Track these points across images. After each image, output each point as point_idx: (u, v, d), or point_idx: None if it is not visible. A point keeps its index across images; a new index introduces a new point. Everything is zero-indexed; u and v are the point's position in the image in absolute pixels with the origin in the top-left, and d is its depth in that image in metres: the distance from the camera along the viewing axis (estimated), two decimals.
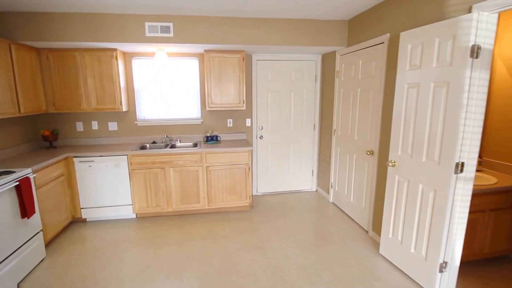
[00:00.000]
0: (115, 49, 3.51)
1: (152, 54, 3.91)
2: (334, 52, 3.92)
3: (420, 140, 2.32)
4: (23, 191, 2.46)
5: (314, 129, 4.47)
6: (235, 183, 3.72)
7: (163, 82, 4.03)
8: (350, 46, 3.52)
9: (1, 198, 2.27)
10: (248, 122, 4.29)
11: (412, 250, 2.44)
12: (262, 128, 4.35)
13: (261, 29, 3.46)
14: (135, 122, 4.02)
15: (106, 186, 3.47)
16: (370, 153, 3.12)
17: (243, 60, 3.77)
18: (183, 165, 3.57)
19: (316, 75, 4.32)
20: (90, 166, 3.39)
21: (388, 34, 2.81)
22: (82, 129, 3.92)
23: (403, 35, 2.44)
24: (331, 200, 4.17)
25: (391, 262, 2.69)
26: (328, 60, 4.12)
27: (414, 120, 2.37)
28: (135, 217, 3.69)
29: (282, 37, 3.51)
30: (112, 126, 3.97)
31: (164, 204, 3.61)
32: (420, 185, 2.34)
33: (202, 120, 4.17)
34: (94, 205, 3.49)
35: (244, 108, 3.89)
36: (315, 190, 4.66)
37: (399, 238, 2.59)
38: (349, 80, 3.57)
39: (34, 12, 3.05)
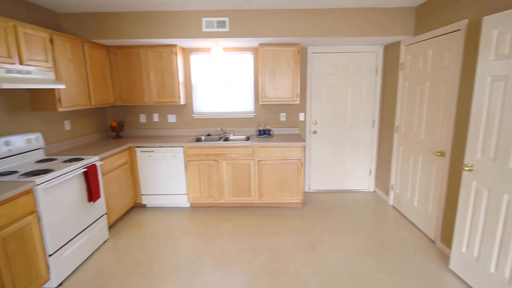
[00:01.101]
0: (174, 45, 3.53)
1: (208, 50, 3.87)
2: (398, 43, 3.44)
3: (507, 142, 1.84)
4: (90, 177, 2.58)
5: (373, 126, 4.02)
6: (286, 178, 3.52)
7: (218, 77, 3.98)
8: (418, 35, 3.02)
9: (71, 182, 2.41)
10: (301, 116, 4.03)
11: (492, 271, 1.98)
12: (316, 123, 4.05)
13: (319, 21, 3.16)
14: (192, 115, 4.04)
15: (164, 175, 3.54)
16: (440, 154, 2.64)
17: (298, 53, 3.51)
18: (235, 158, 3.48)
19: (376, 68, 3.86)
20: (150, 156, 3.49)
21: (466, 20, 2.31)
22: (144, 121, 4.08)
23: (487, 20, 1.95)
24: (390, 203, 3.72)
25: (464, 281, 2.24)
26: (391, 52, 3.64)
27: (500, 118, 1.89)
28: (189, 206, 3.73)
29: (341, 28, 3.17)
30: (171, 118, 4.06)
31: (217, 195, 3.58)
32: (506, 196, 1.87)
33: (255, 114, 4.03)
34: (153, 192, 3.60)
35: (298, 102, 3.64)
36: (372, 190, 4.22)
37: (475, 254, 2.13)
38: (415, 72, 3.08)
39: (105, 12, 3.19)
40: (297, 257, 2.59)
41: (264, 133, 3.81)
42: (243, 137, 3.92)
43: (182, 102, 3.75)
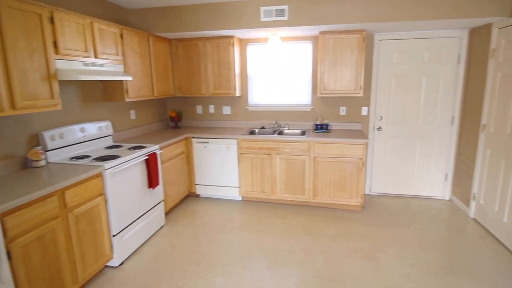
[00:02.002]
0: (232, 36, 3.61)
1: (266, 40, 3.87)
2: (489, 25, 2.98)
3: None
4: (150, 164, 2.81)
5: (452, 123, 3.59)
6: (345, 178, 3.36)
7: (275, 68, 3.96)
8: None
9: (134, 169, 2.65)
10: (364, 110, 3.80)
11: None
12: (381, 118, 3.78)
13: (389, 3, 2.91)
14: (247, 107, 4.12)
15: (218, 166, 3.68)
16: None
17: (363, 41, 3.29)
18: (289, 153, 3.44)
19: (459, 55, 3.42)
20: (205, 147, 3.66)
21: None
22: (201, 112, 4.29)
23: None
24: (471, 215, 3.29)
25: None
26: (478, 36, 3.18)
27: None
28: (240, 199, 3.82)
29: (418, 10, 2.86)
30: (226, 110, 4.19)
31: (269, 190, 3.60)
32: None
33: (312, 107, 3.92)
34: (206, 183, 3.78)
35: (361, 94, 3.43)
36: (448, 199, 3.79)
37: None
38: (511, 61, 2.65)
39: (168, 6, 3.40)
40: (355, 266, 2.46)
41: (321, 128, 3.69)
42: (299, 131, 3.85)
43: (238, 94, 3.84)
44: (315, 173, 3.42)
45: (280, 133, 3.86)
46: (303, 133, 3.78)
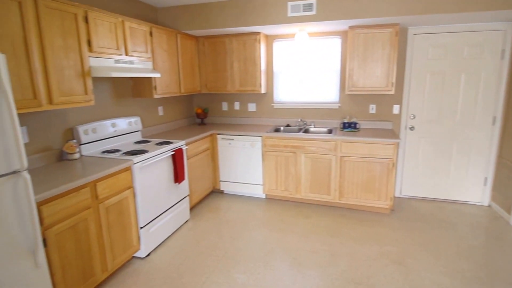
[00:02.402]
0: (258, 33, 3.62)
1: (292, 36, 3.83)
2: None
3: None
4: (176, 160, 2.90)
5: (493, 123, 3.37)
6: (373, 179, 3.27)
7: (301, 64, 3.92)
8: None
9: (161, 164, 2.75)
10: (395, 109, 3.66)
11: None
12: (414, 117, 3.63)
13: None
14: (272, 104, 4.11)
15: (242, 163, 3.72)
16: None
17: (396, 35, 3.17)
18: (315, 151, 3.40)
19: (503, 50, 3.20)
20: (230, 143, 3.71)
21: None
22: (226, 109, 4.35)
23: None
24: None
25: None
26: None
27: None
28: (264, 197, 3.84)
29: (458, 0, 2.71)
30: (251, 107, 4.22)
31: (293, 189, 3.58)
32: None
33: (339, 105, 3.84)
34: (231, 179, 3.83)
35: (393, 92, 3.31)
36: (486, 204, 3.57)
37: None
38: None
39: (196, 4, 3.47)
40: (382, 271, 2.39)
41: (349, 126, 3.61)
42: (325, 129, 3.79)
43: (263, 91, 3.85)
44: (341, 173, 3.36)
45: (306, 131, 3.82)
46: (329, 131, 3.72)
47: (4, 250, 1.48)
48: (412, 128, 3.65)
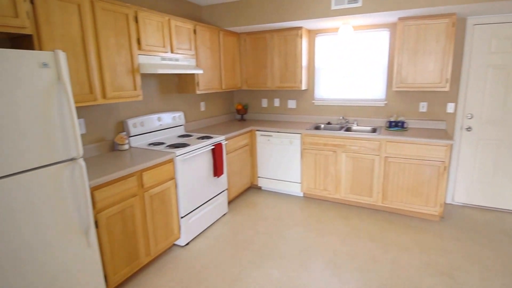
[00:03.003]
0: (300, 28, 3.59)
1: (336, 30, 3.74)
2: None
3: None
4: (216, 154, 3.01)
5: None
6: (421, 183, 3.08)
7: (345, 59, 3.81)
8: None
9: (201, 157, 2.87)
10: (450, 107, 3.40)
11: None
12: (471, 117, 3.33)
13: None
14: (312, 101, 4.06)
15: (280, 160, 3.74)
16: None
17: (453, 26, 2.93)
18: (357, 151, 3.30)
19: None
20: (268, 140, 3.75)
21: None
22: (266, 105, 4.39)
23: None
24: None
25: None
26: None
27: None
28: (302, 195, 3.82)
29: None
30: (291, 104, 4.21)
31: (332, 189, 3.51)
32: None
33: (386, 102, 3.67)
34: (268, 176, 3.88)
35: (447, 89, 3.07)
36: None
37: None
38: None
39: (237, 0, 3.55)
40: (428, 281, 2.26)
41: (396, 126, 3.44)
42: (369, 128, 3.65)
43: (304, 87, 3.82)
44: (385, 174, 3.22)
45: (348, 129, 3.72)
46: (373, 130, 3.58)
47: (62, 229, 1.68)
48: (469, 129, 3.36)
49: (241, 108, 4.26)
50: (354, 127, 3.73)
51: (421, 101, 3.51)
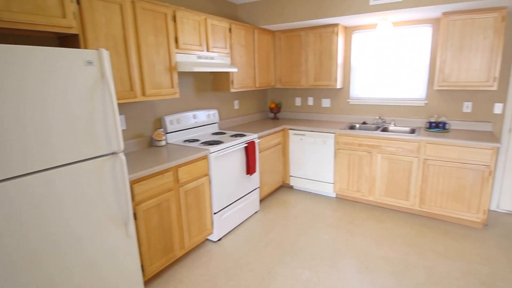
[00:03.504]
0: (336, 25, 3.46)
1: (374, 26, 3.56)
2: None
3: None
4: (249, 152, 2.99)
5: None
6: (463, 188, 2.85)
7: (383, 57, 3.62)
8: None
9: (235, 155, 2.87)
10: (497, 108, 3.11)
11: None
12: None
13: None
14: (347, 100, 3.91)
15: (313, 160, 3.65)
16: None
17: (503, 21, 2.67)
18: (394, 152, 3.12)
19: None
20: (301, 139, 3.67)
21: None
22: (299, 104, 4.30)
23: None
24: None
25: None
26: None
27: None
28: (334, 196, 3.70)
29: None
30: (325, 103, 4.08)
31: (366, 191, 3.36)
32: None
33: (426, 102, 3.44)
34: (300, 175, 3.80)
35: (495, 88, 2.82)
36: None
37: None
38: None
39: None
40: None
41: (437, 127, 3.21)
42: (407, 129, 3.45)
43: (339, 86, 3.69)
44: (424, 177, 3.02)
45: (385, 129, 3.54)
46: (412, 131, 3.38)
47: (104, 219, 1.75)
48: None
49: (275, 106, 4.21)
50: (391, 128, 3.54)
51: (465, 100, 3.25)
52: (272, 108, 4.23)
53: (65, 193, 1.56)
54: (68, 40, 1.99)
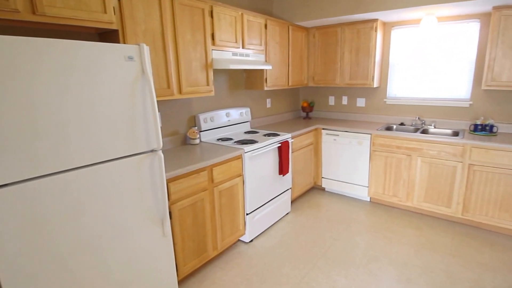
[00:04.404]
0: (375, 20, 3.25)
1: (416, 22, 3.31)
2: None
3: None
4: (282, 152, 2.87)
5: None
6: None
7: (424, 54, 3.36)
8: None
9: (268, 155, 2.76)
10: None
11: None
12: None
13: None
14: (384, 100, 3.69)
15: (346, 162, 3.47)
16: None
17: None
18: (435, 156, 2.89)
19: None
20: (334, 139, 3.50)
21: None
22: (333, 103, 4.12)
23: None
24: None
25: None
26: None
27: None
28: (368, 200, 3.51)
29: None
30: (360, 102, 3.88)
31: (403, 196, 3.15)
32: None
33: (471, 102, 3.16)
34: (333, 177, 3.63)
35: None
36: None
37: None
38: None
39: None
40: None
41: (483, 129, 2.94)
42: (449, 131, 3.20)
43: (375, 85, 3.47)
44: (468, 184, 2.77)
45: (424, 131, 3.30)
46: (455, 133, 3.12)
47: (141, 217, 1.71)
48: None
49: (307, 105, 4.05)
50: (432, 129, 3.29)
51: None
52: (305, 107, 4.07)
53: (105, 189, 1.53)
54: (107, 36, 1.96)
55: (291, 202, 3.49)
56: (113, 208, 1.56)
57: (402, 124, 3.53)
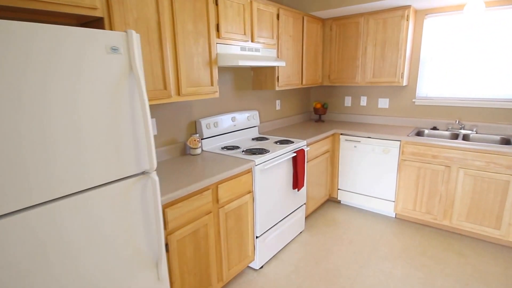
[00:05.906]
0: (408, 6, 2.88)
1: (454, 8, 2.93)
2: None
3: None
4: (298, 162, 2.52)
5: None
6: None
7: (464, 47, 2.98)
8: None
9: (281, 166, 2.41)
10: None
11: None
12: None
13: None
14: (413, 100, 3.30)
15: (368, 172, 3.11)
16: None
17: None
18: (481, 167, 2.53)
19: None
20: (355, 146, 3.15)
21: None
22: (349, 104, 3.75)
23: None
24: None
25: None
26: None
27: None
28: (393, 216, 3.14)
29: None
30: (382, 103, 3.51)
31: (439, 214, 2.79)
32: None
33: None
34: (351, 189, 3.28)
35: None
36: None
37: None
38: None
39: None
40: None
41: None
42: (497, 137, 2.82)
43: (404, 83, 3.12)
44: None
45: (465, 137, 2.94)
46: (505, 141, 2.75)
47: (129, 261, 1.36)
48: None
49: (320, 107, 3.69)
50: (473, 135, 2.92)
51: None
52: (317, 109, 3.72)
53: (77, 230, 1.17)
54: (91, 27, 1.63)
55: (305, 218, 3.14)
56: (90, 255, 1.21)
57: (434, 128, 3.15)
